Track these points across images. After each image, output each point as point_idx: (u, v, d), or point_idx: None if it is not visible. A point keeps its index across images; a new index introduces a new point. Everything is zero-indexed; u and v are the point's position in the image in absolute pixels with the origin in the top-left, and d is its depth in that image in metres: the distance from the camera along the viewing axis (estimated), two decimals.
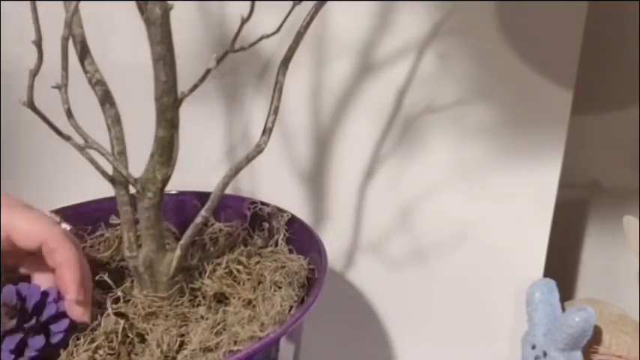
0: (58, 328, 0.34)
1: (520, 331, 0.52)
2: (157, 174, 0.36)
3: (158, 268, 0.38)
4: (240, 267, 0.41)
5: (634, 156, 0.57)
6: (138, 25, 0.33)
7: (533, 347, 0.50)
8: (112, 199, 0.39)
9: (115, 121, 0.37)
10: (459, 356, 0.57)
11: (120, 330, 0.35)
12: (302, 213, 0.50)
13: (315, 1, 0.37)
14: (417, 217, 0.53)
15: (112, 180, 0.37)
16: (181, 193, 0.48)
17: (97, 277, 0.38)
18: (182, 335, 0.36)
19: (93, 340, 0.34)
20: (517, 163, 0.50)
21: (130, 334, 0.36)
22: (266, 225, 0.45)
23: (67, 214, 0.46)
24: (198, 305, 0.39)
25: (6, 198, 0.34)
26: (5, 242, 0.33)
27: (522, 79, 0.47)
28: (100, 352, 0.34)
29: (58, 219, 0.39)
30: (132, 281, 0.40)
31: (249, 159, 0.38)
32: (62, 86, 0.33)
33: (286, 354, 0.37)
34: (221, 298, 0.40)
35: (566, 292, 0.61)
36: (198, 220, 0.38)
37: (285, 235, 0.43)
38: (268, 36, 0.35)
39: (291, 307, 0.37)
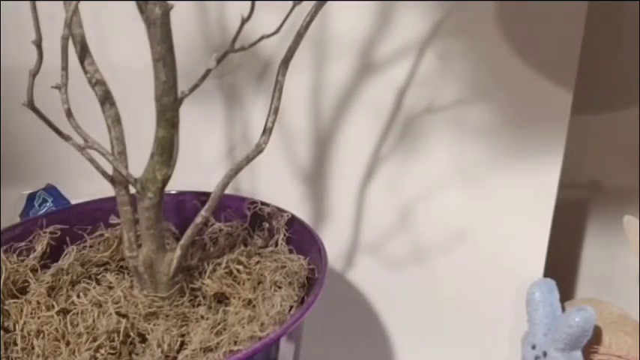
0: None
1: (520, 331, 0.52)
2: (156, 174, 0.36)
3: (158, 268, 0.38)
4: (240, 267, 0.41)
5: (634, 156, 0.57)
6: (138, 25, 0.33)
7: (533, 347, 0.50)
8: (112, 199, 0.39)
9: (115, 121, 0.37)
10: (459, 356, 0.57)
11: (122, 329, 0.35)
12: (302, 213, 0.50)
13: (315, 1, 0.37)
14: (417, 217, 0.53)
15: (112, 180, 0.37)
16: (181, 193, 0.48)
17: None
18: (182, 335, 0.36)
19: (95, 339, 0.34)
20: (517, 163, 0.50)
21: (131, 334, 0.36)
22: (266, 225, 0.45)
23: (67, 214, 0.46)
24: (199, 305, 0.39)
25: None
26: None
27: (522, 79, 0.47)
28: (102, 351, 0.34)
29: None
30: (132, 281, 0.40)
31: (249, 159, 0.38)
32: (62, 86, 0.33)
33: (286, 354, 0.37)
34: (221, 298, 0.40)
35: (566, 292, 0.61)
36: (198, 220, 0.38)
37: (285, 235, 0.43)
38: (268, 36, 0.35)
39: (291, 307, 0.37)
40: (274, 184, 0.55)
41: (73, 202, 0.57)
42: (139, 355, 0.35)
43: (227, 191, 0.38)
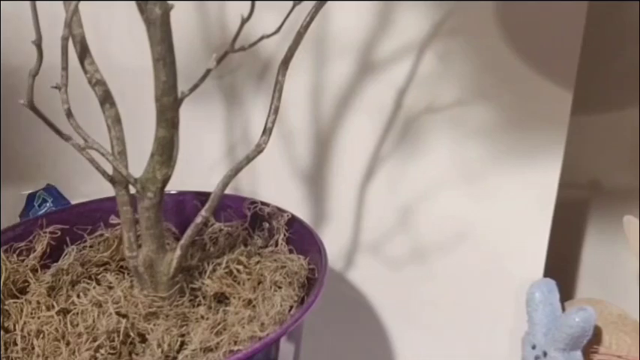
0: None
1: (520, 331, 0.52)
2: (156, 174, 0.36)
3: (158, 268, 0.38)
4: (240, 267, 0.41)
5: (634, 156, 0.57)
6: (138, 25, 0.33)
7: (533, 347, 0.50)
8: (112, 199, 0.39)
9: (115, 121, 0.37)
10: (459, 356, 0.57)
11: (122, 329, 0.35)
12: (302, 213, 0.50)
13: (315, 1, 0.37)
14: (417, 217, 0.53)
15: (112, 180, 0.37)
16: (181, 193, 0.48)
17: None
18: (183, 335, 0.36)
19: (95, 339, 0.34)
20: (517, 163, 0.50)
21: (131, 334, 0.36)
22: (266, 225, 0.45)
23: (67, 214, 0.46)
24: (199, 305, 0.39)
25: None
26: None
27: (522, 79, 0.47)
28: (102, 351, 0.34)
29: None
30: (132, 281, 0.40)
31: (249, 159, 0.38)
32: (62, 86, 0.33)
33: (286, 354, 0.37)
34: (221, 298, 0.40)
35: (566, 292, 0.61)
36: (198, 220, 0.38)
37: (285, 235, 0.43)
38: (268, 36, 0.35)
39: (291, 307, 0.37)
40: (274, 184, 0.55)
41: (73, 202, 0.57)
42: (139, 355, 0.35)
43: (227, 191, 0.38)
